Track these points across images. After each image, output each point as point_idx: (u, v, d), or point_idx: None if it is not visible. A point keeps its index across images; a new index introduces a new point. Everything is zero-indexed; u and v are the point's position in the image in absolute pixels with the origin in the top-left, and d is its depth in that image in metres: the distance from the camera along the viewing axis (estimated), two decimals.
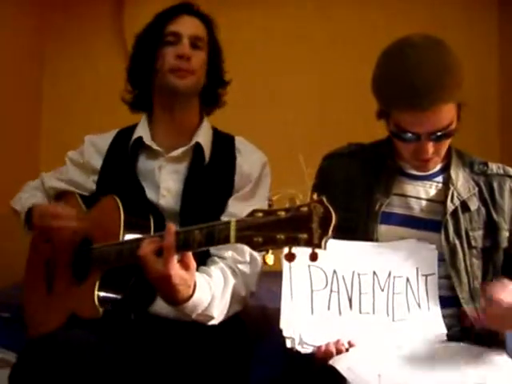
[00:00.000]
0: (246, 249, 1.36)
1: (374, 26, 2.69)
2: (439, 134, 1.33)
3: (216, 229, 1.10)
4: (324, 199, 0.99)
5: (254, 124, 2.43)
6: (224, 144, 1.58)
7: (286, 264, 1.29)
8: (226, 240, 1.08)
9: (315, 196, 1.00)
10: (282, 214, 1.01)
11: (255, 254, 1.42)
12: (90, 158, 1.60)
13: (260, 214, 1.03)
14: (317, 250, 0.98)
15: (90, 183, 1.59)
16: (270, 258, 1.03)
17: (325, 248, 0.97)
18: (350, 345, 1.24)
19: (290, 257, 1.00)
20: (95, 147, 1.61)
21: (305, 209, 0.99)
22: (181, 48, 1.49)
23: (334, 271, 1.33)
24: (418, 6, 2.71)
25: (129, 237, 1.31)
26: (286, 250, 1.02)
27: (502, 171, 1.48)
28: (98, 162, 1.59)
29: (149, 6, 2.63)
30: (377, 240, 1.41)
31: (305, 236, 0.98)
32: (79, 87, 2.79)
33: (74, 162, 1.64)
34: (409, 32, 1.37)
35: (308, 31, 2.76)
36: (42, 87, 2.83)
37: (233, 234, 1.06)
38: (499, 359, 1.26)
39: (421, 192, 1.45)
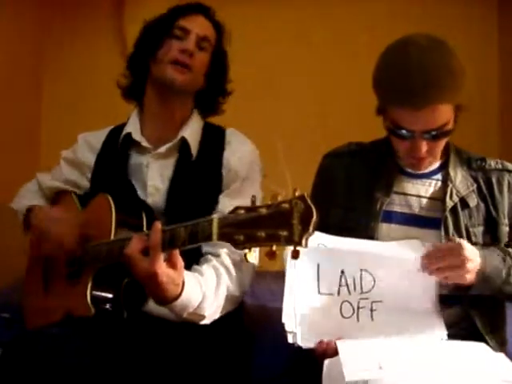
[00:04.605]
0: None
1: (374, 26, 2.69)
2: (433, 133, 1.33)
3: (199, 226, 1.08)
4: (305, 195, 0.96)
5: (251, 122, 2.41)
6: (214, 137, 1.55)
7: (289, 259, 1.29)
8: (208, 238, 1.05)
9: (297, 192, 0.97)
10: (263, 210, 0.98)
11: None
12: (83, 155, 1.60)
13: (242, 211, 1.01)
14: (298, 248, 0.95)
15: (84, 181, 1.59)
16: (252, 256, 1.00)
17: (306, 245, 0.94)
18: None
19: (271, 255, 0.97)
20: (88, 145, 1.61)
21: (286, 205, 0.96)
22: (186, 43, 1.49)
23: (337, 268, 1.33)
24: (418, 6, 2.71)
25: (121, 235, 1.30)
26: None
27: (500, 166, 1.48)
28: (90, 160, 1.58)
29: (149, 6, 2.65)
30: (378, 239, 1.41)
31: (285, 233, 0.94)
32: (79, 87, 2.79)
33: (67, 161, 1.64)
34: (409, 32, 1.38)
35: (308, 30, 2.76)
36: (42, 87, 2.83)
37: (215, 231, 1.03)
38: (498, 359, 1.26)
39: (420, 190, 1.46)
